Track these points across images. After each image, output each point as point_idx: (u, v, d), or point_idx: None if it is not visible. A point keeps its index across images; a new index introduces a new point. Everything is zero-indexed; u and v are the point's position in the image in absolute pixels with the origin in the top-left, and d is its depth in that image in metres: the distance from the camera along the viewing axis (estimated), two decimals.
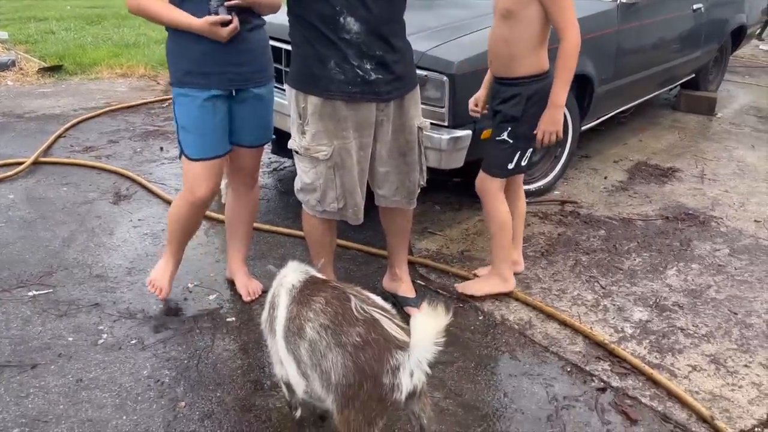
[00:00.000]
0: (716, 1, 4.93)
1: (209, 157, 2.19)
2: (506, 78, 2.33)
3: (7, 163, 3.78)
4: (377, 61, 1.98)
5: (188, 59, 2.10)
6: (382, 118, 2.09)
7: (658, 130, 4.89)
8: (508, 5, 2.20)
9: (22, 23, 8.66)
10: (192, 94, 2.12)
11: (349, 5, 1.88)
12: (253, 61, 2.17)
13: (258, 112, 2.27)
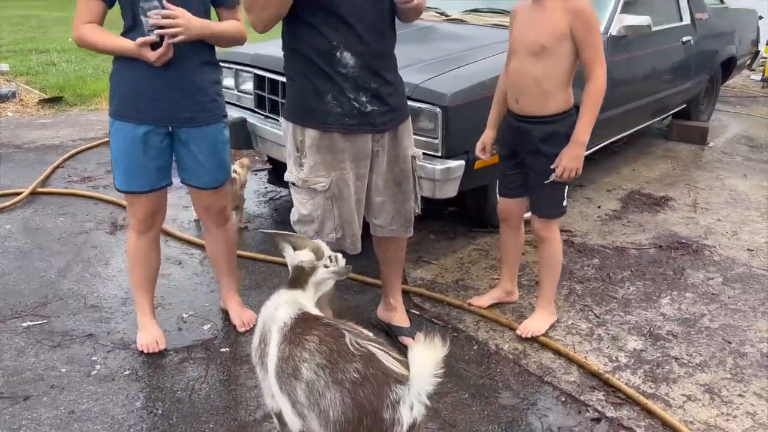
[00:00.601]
0: (706, 33, 5.04)
1: (134, 192, 2.19)
2: (539, 116, 2.27)
3: (4, 193, 3.81)
4: (372, 93, 2.03)
5: (124, 91, 2.09)
6: (377, 149, 2.13)
7: (651, 159, 4.94)
8: (543, 42, 2.17)
9: (23, 55, 8.79)
10: (124, 128, 2.10)
11: (345, 40, 1.93)
12: (192, 99, 2.11)
13: (202, 153, 2.19)
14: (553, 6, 2.17)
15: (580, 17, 2.14)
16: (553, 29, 2.16)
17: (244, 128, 3.49)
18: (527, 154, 2.37)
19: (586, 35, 2.15)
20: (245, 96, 3.66)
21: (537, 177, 2.36)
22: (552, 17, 2.17)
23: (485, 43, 3.46)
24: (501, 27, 3.77)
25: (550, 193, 2.37)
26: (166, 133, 2.13)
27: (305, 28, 1.95)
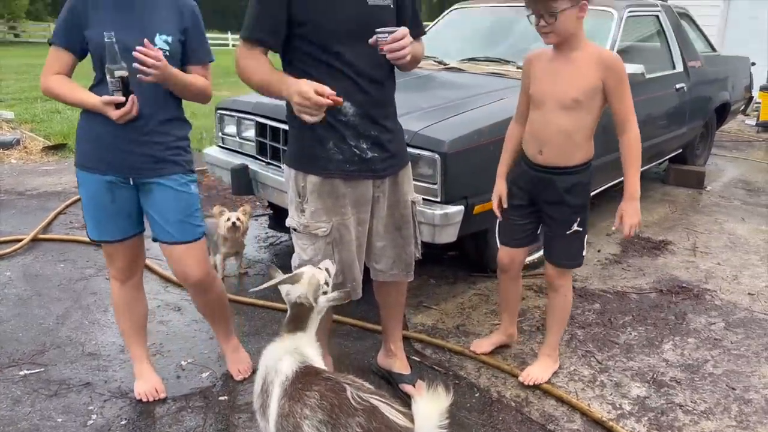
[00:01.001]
0: (699, 80, 5.14)
1: (107, 241, 2.19)
2: (563, 167, 2.26)
3: (5, 240, 3.82)
4: (373, 140, 2.07)
5: (87, 143, 2.09)
6: (378, 194, 2.15)
7: (649, 203, 4.97)
8: (576, 96, 2.15)
9: (29, 103, 8.94)
10: (89, 178, 2.10)
11: (345, 90, 1.97)
12: (153, 152, 2.08)
13: (166, 207, 2.14)
14: (583, 59, 2.16)
15: (612, 70, 2.14)
16: (585, 83, 2.15)
17: (245, 174, 3.53)
18: (548, 204, 2.35)
19: (618, 88, 2.15)
20: (247, 143, 3.71)
21: (558, 227, 2.35)
22: (584, 71, 2.15)
23: (482, 91, 3.53)
24: (497, 75, 3.86)
25: (570, 243, 2.36)
26: (130, 185, 2.12)
27: (306, 78, 2.00)
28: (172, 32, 2.05)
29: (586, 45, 2.18)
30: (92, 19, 1.98)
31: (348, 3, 1.94)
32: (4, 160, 5.87)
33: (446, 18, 5.06)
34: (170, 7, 2.06)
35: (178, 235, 2.17)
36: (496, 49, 4.39)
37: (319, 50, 1.96)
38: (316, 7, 1.92)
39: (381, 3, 2.00)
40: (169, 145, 2.12)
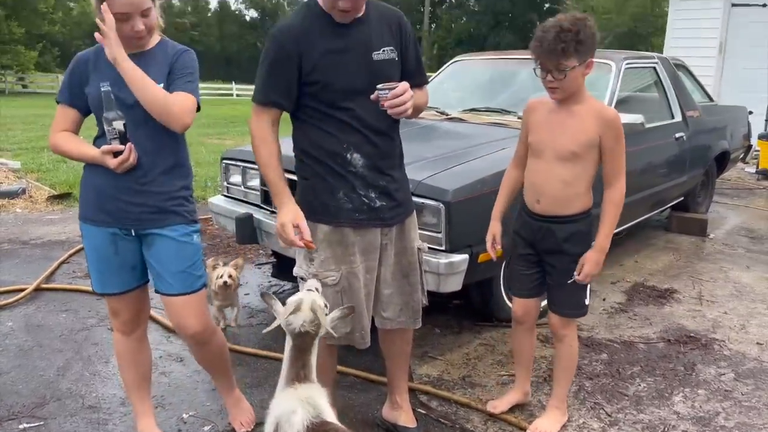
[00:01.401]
0: (698, 129, 5.21)
1: (110, 293, 2.18)
2: (561, 216, 2.27)
3: (8, 290, 3.81)
4: (381, 190, 2.10)
5: (89, 195, 2.11)
6: (386, 242, 2.18)
7: (652, 251, 4.97)
8: (574, 149, 2.18)
9: (35, 153, 9.04)
10: (92, 230, 2.11)
11: (355, 143, 2.03)
12: (155, 203, 2.08)
13: (168, 257, 2.12)
14: (584, 113, 2.18)
15: (611, 128, 2.16)
16: (584, 137, 2.17)
17: (250, 223, 3.54)
18: (548, 253, 2.35)
19: (613, 145, 2.17)
20: (252, 192, 3.74)
21: (559, 276, 2.34)
22: (584, 125, 2.17)
23: (484, 141, 3.58)
24: (499, 125, 3.91)
25: (572, 292, 2.34)
26: (132, 236, 2.12)
27: (316, 131, 2.05)
28: (162, 79, 2.06)
29: (588, 99, 2.22)
30: (92, 77, 2.04)
31: (355, 61, 2.00)
32: (9, 210, 5.90)
33: (448, 69, 5.17)
34: (164, 61, 2.09)
35: (178, 286, 2.15)
36: (496, 99, 4.47)
37: (328, 106, 2.01)
38: (325, 68, 1.97)
39: (386, 57, 2.06)
40: (170, 195, 2.11)
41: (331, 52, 1.98)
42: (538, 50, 2.10)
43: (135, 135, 2.01)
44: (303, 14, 2.02)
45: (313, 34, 1.98)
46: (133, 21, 1.95)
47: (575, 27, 2.05)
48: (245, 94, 31.05)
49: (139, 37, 2.00)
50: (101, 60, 2.04)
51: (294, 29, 1.99)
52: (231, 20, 59.13)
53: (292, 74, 1.99)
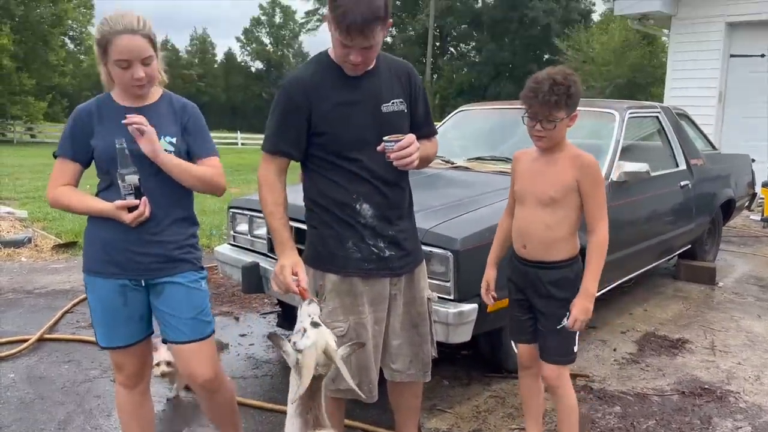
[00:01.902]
0: (702, 177, 5.23)
1: (116, 347, 2.16)
2: (548, 262, 2.30)
3: (11, 340, 3.77)
4: (390, 240, 2.10)
5: (96, 247, 2.09)
6: (395, 292, 2.15)
7: (661, 299, 4.91)
8: (552, 194, 2.23)
9: (42, 202, 9.09)
10: (99, 283, 2.09)
11: (364, 193, 2.03)
12: (163, 252, 2.09)
13: (176, 304, 2.12)
14: (562, 159, 2.25)
15: (587, 172, 2.22)
16: (561, 182, 2.23)
17: (256, 272, 3.52)
18: (537, 298, 2.35)
19: (591, 190, 2.22)
20: (258, 241, 3.73)
21: (547, 321, 2.33)
22: (561, 170, 2.24)
23: (490, 189, 3.59)
24: (504, 174, 3.93)
25: (561, 338, 2.33)
26: (142, 286, 2.11)
27: (325, 182, 2.06)
28: (174, 133, 2.09)
29: (567, 147, 2.28)
30: (97, 129, 2.04)
31: (364, 113, 2.02)
32: (15, 258, 5.90)
33: (453, 119, 5.23)
34: (169, 113, 2.12)
35: (189, 333, 2.13)
36: (500, 148, 4.51)
37: (337, 157, 2.02)
38: (334, 120, 2.00)
39: (395, 109, 2.08)
40: (180, 243, 2.12)
41: (340, 105, 2.01)
42: (531, 101, 2.17)
43: (146, 187, 2.02)
44: (314, 66, 2.06)
45: (323, 87, 2.01)
46: (133, 69, 1.98)
47: (567, 82, 2.15)
48: (250, 143, 31.46)
49: (140, 85, 2.02)
50: (105, 112, 2.06)
51: (304, 81, 2.02)
52: (237, 71, 60.44)
53: (301, 125, 2.01)
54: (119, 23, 1.95)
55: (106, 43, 1.95)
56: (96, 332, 2.17)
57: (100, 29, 1.98)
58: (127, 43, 1.95)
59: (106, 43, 1.96)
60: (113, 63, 1.98)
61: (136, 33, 1.96)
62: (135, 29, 1.96)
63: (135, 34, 1.96)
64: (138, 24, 1.97)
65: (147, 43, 1.99)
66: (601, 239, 2.23)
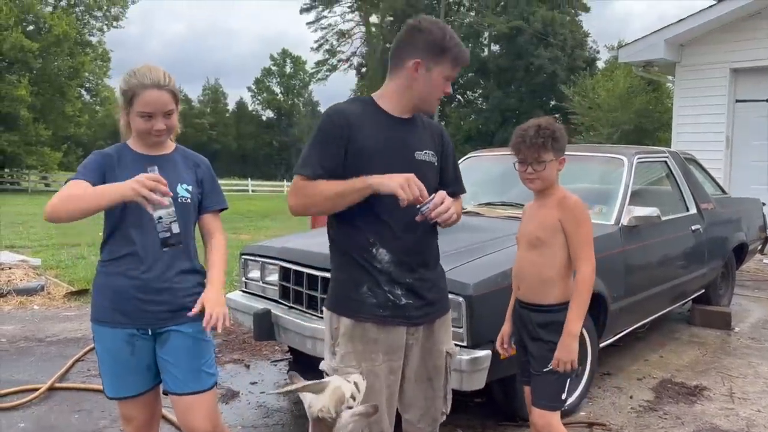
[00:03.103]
0: (714, 221, 5.22)
1: (125, 397, 2.15)
2: (538, 305, 2.34)
3: (22, 389, 3.75)
4: (407, 287, 2.07)
5: (105, 296, 2.09)
6: (411, 342, 2.12)
7: (677, 345, 4.84)
8: (538, 234, 2.32)
9: (55, 249, 9.19)
10: (107, 332, 2.09)
11: (381, 237, 2.03)
12: (172, 300, 2.10)
13: (181, 354, 2.12)
14: (550, 201, 2.34)
15: (569, 212, 2.29)
16: (547, 222, 2.31)
17: (268, 319, 3.52)
18: (529, 340, 2.39)
19: (572, 228, 2.28)
20: (270, 287, 3.75)
21: (536, 364, 2.35)
22: (548, 211, 2.33)
23: (501, 234, 3.60)
24: (514, 218, 3.94)
25: (549, 382, 2.33)
26: (149, 335, 2.11)
27: (345, 224, 2.07)
28: (190, 182, 2.16)
29: (557, 190, 2.36)
30: (118, 171, 2.07)
31: (397, 156, 2.04)
32: (27, 306, 5.92)
33: (462, 165, 5.26)
34: (186, 164, 2.20)
35: (191, 384, 2.13)
36: (510, 193, 4.54)
37: None
38: (366, 156, 2.00)
39: (427, 159, 2.12)
40: (188, 291, 2.13)
41: (376, 142, 2.03)
42: (520, 146, 2.29)
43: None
44: (358, 104, 2.12)
45: (364, 122, 2.04)
46: (155, 120, 2.06)
47: (551, 127, 2.29)
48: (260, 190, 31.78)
49: (158, 135, 2.09)
50: (123, 158, 2.10)
51: (347, 112, 2.05)
52: (248, 120, 61.52)
53: (339, 153, 2.00)
54: (147, 77, 2.03)
55: (133, 95, 2.03)
56: (103, 382, 2.16)
57: (127, 81, 2.05)
58: (154, 97, 2.02)
59: (132, 95, 2.03)
60: (136, 113, 2.05)
61: (162, 88, 2.04)
62: (161, 84, 2.04)
63: (161, 89, 2.03)
64: (164, 79, 2.05)
65: (171, 97, 2.07)
66: (584, 278, 2.26)
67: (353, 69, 49.48)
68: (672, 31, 9.53)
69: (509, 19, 41.14)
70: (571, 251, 2.29)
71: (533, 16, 40.89)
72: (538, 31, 40.02)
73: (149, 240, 2.04)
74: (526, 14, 41.42)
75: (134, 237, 2.06)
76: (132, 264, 2.06)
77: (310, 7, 48.03)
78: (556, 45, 40.29)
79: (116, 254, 2.09)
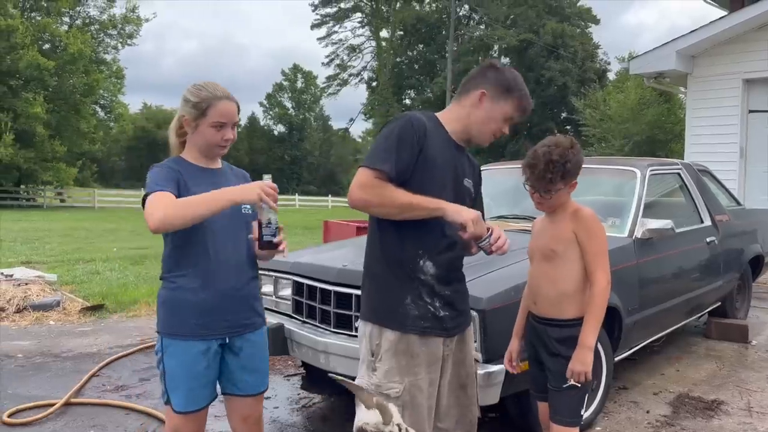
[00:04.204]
0: (729, 233, 5.18)
1: (194, 410, 2.17)
2: (556, 319, 2.33)
3: (38, 405, 3.77)
4: (445, 300, 2.12)
5: (185, 309, 2.12)
6: (447, 353, 2.17)
7: (694, 359, 4.79)
8: (552, 246, 2.32)
9: (70, 265, 9.27)
10: (184, 346, 2.13)
11: (428, 250, 2.08)
12: (248, 308, 2.22)
13: (253, 358, 2.25)
14: (564, 215, 2.34)
15: (582, 224, 2.29)
16: (561, 236, 2.31)
17: (281, 333, 3.53)
18: (546, 355, 2.37)
19: (587, 242, 2.28)
20: (283, 302, 3.76)
21: (555, 380, 2.34)
22: (562, 225, 2.33)
23: (514, 248, 3.53)
24: (526, 232, 3.93)
25: (569, 398, 2.32)
26: (222, 345, 2.18)
27: (397, 234, 2.08)
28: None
29: (569, 205, 2.36)
30: (188, 182, 2.14)
31: (450, 177, 2.14)
32: (43, 322, 5.97)
33: None
34: (237, 178, 2.30)
35: (259, 385, 2.28)
36: (522, 206, 4.52)
37: None
38: (428, 169, 2.05)
39: (468, 186, 2.23)
40: (256, 297, 2.29)
41: (442, 158, 2.10)
42: (529, 175, 2.29)
43: (238, 239, 2.17)
44: (427, 118, 2.15)
45: (434, 136, 2.11)
46: (225, 130, 2.16)
47: (563, 158, 2.23)
48: None
49: (225, 145, 2.19)
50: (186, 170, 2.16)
51: (423, 122, 2.09)
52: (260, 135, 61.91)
53: (412, 159, 2.03)
54: (218, 90, 2.15)
55: (208, 106, 2.12)
56: (172, 396, 2.16)
57: (197, 94, 2.14)
58: (227, 107, 2.14)
59: (207, 105, 2.12)
60: (209, 124, 2.13)
61: (231, 100, 2.17)
62: (230, 96, 2.17)
63: (231, 100, 2.16)
64: (229, 93, 2.18)
65: (237, 109, 2.19)
66: (599, 289, 2.25)
67: (364, 83, 49.75)
68: (683, 43, 9.51)
69: (519, 32, 41.20)
70: (586, 263, 2.28)
71: (543, 28, 40.93)
72: (549, 44, 40.05)
73: (223, 250, 2.14)
74: (536, 27, 41.49)
75: (209, 248, 2.13)
76: (207, 275, 2.13)
77: (321, 22, 48.44)
78: (566, 57, 40.28)
79: (188, 267, 2.14)
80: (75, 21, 33.78)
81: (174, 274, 2.16)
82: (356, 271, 3.21)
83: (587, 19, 45.50)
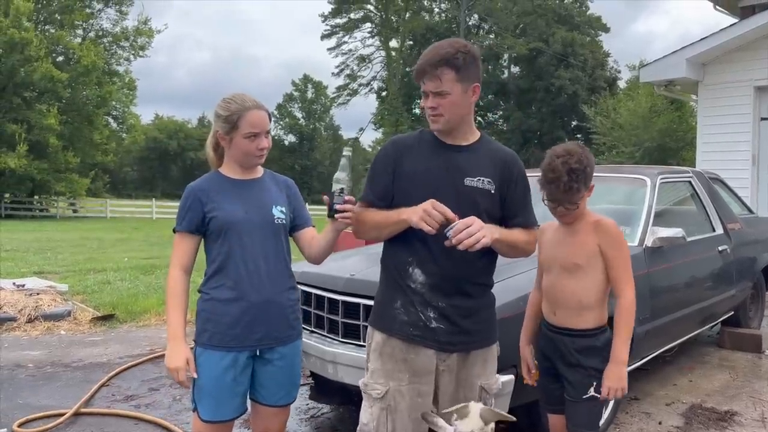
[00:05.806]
0: (741, 242, 5.13)
1: (221, 421, 2.18)
2: (577, 329, 2.30)
3: (47, 414, 3.79)
4: (440, 311, 2.06)
5: (221, 320, 2.15)
6: (443, 369, 2.10)
7: (707, 369, 4.73)
8: (575, 260, 2.27)
9: (81, 275, 9.32)
10: (216, 357, 2.15)
11: (419, 258, 2.05)
12: (283, 319, 2.22)
13: (282, 371, 2.25)
14: (584, 226, 2.29)
15: (608, 236, 2.26)
16: (585, 249, 2.27)
17: None
18: (565, 366, 2.33)
19: (613, 254, 2.25)
20: None
21: (574, 390, 2.30)
22: (583, 237, 2.28)
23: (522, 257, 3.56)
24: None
25: (588, 409, 2.29)
26: (254, 356, 2.19)
27: (392, 243, 2.13)
28: (283, 204, 2.27)
29: (587, 214, 2.32)
30: (216, 199, 2.18)
31: (443, 182, 2.04)
32: (54, 332, 6.01)
33: None
34: (275, 186, 2.32)
35: (284, 397, 2.28)
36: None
37: None
38: (411, 180, 2.06)
39: (479, 186, 2.06)
40: (293, 307, 2.28)
41: (424, 168, 2.07)
42: (552, 189, 2.21)
43: (271, 249, 2.19)
44: (416, 134, 2.18)
45: (415, 150, 2.11)
46: (259, 139, 2.18)
47: (582, 164, 2.20)
48: None
49: (261, 155, 2.22)
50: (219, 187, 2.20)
51: (401, 141, 2.16)
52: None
53: (388, 178, 2.09)
54: (247, 101, 2.17)
55: (238, 118, 2.15)
56: (199, 405, 2.18)
57: (227, 107, 2.17)
58: (259, 116, 2.17)
59: (238, 118, 2.15)
60: (242, 135, 2.16)
61: (262, 109, 2.19)
62: (260, 106, 2.19)
63: (261, 109, 2.18)
64: (258, 101, 2.20)
65: (268, 117, 2.21)
66: (628, 303, 2.23)
67: (374, 93, 49.91)
68: (694, 50, 9.46)
69: (529, 41, 41.25)
70: (612, 275, 2.26)
71: (553, 37, 40.95)
72: (558, 52, 40.05)
73: (253, 261, 2.15)
74: (545, 36, 41.52)
75: (239, 260, 2.15)
76: (238, 287, 2.15)
77: (331, 33, 48.72)
78: (576, 65, 40.25)
79: (221, 279, 2.17)
80: (88, 33, 34.14)
81: (208, 286, 2.21)
82: (364, 280, 3.22)
83: (597, 27, 45.48)
